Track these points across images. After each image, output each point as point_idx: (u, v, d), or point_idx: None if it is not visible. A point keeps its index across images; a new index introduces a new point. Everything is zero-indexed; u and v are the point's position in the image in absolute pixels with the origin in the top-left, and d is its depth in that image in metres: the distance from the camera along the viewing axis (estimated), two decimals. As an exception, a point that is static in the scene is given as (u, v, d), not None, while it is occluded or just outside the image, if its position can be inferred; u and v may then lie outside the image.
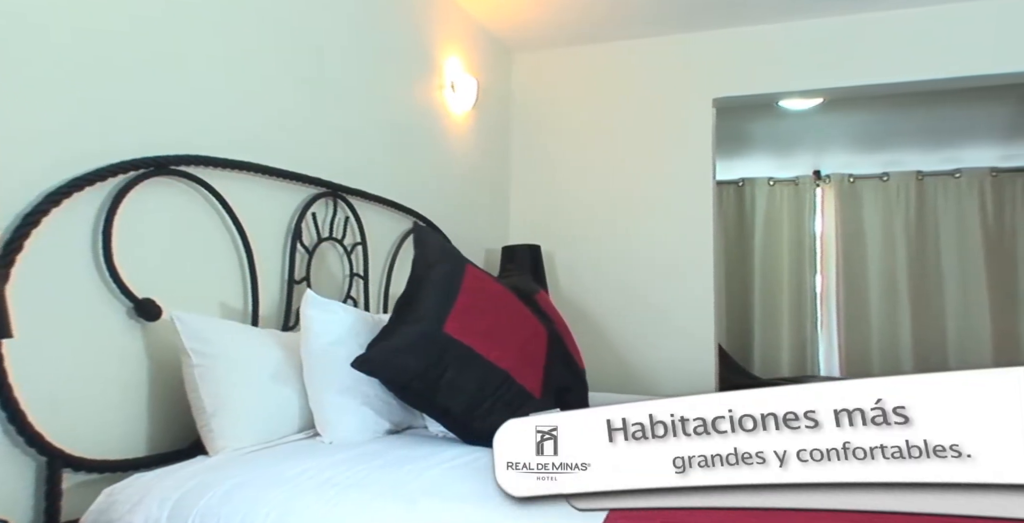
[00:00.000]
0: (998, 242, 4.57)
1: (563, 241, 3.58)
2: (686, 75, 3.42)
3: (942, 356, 4.63)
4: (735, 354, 5.05)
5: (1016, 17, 2.95)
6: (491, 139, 3.49)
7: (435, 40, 2.94)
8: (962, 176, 4.65)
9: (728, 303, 5.09)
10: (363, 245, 2.38)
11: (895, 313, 4.70)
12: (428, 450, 1.52)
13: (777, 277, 4.96)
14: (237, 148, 1.86)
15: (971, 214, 4.60)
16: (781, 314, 4.93)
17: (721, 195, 5.13)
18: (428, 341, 1.55)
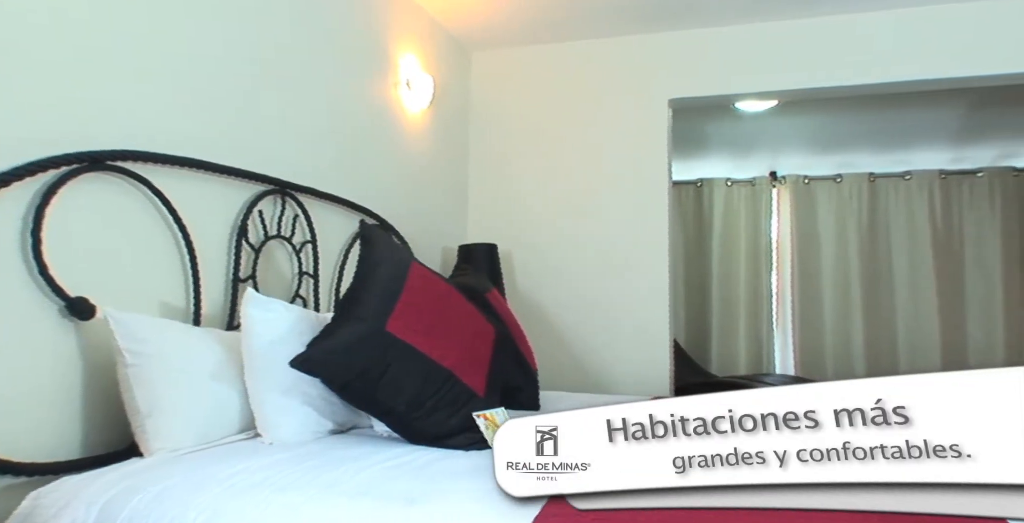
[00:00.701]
0: (946, 243, 4.69)
1: (521, 240, 3.58)
2: (642, 76, 3.45)
3: (892, 355, 4.75)
4: (693, 353, 5.11)
5: (965, 23, 3.03)
6: (449, 138, 3.48)
7: (390, 37, 2.92)
8: (912, 178, 4.76)
9: (687, 302, 5.15)
10: (313, 243, 2.35)
11: (848, 312, 4.80)
12: (368, 450, 1.51)
13: (734, 277, 5.03)
14: (179, 144, 1.82)
15: (920, 215, 4.71)
16: (738, 313, 5.00)
17: (680, 195, 5.18)
18: (369, 340, 1.54)
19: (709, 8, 3.14)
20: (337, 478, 1.31)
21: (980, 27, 3.01)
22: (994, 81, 3.15)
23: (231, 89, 2.05)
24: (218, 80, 2.00)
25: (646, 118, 3.45)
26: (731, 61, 3.34)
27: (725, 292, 5.05)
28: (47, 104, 1.52)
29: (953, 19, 3.04)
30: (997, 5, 2.99)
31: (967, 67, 3.05)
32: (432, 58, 3.26)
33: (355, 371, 1.52)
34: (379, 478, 1.30)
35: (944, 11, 3.05)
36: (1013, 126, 4.51)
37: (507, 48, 3.64)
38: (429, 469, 1.36)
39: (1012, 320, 4.52)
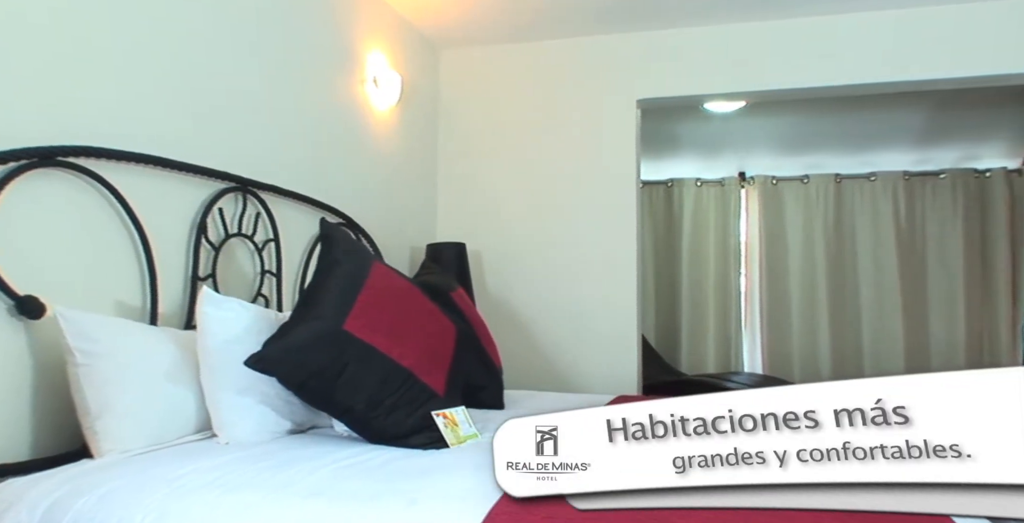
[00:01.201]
0: (909, 243, 4.77)
1: (490, 239, 3.58)
2: (611, 76, 3.46)
3: (857, 353, 4.82)
4: (663, 352, 5.14)
5: (929, 27, 3.08)
6: (417, 136, 3.47)
7: (356, 34, 2.90)
8: (877, 179, 4.83)
9: (657, 302, 5.18)
10: (276, 242, 2.33)
11: (814, 311, 4.86)
12: (325, 449, 1.50)
13: (704, 276, 5.07)
14: (136, 140, 1.79)
15: (885, 216, 4.79)
16: (707, 313, 5.04)
17: (650, 195, 5.21)
18: (327, 338, 1.53)
19: (677, 9, 3.16)
20: (291, 478, 1.29)
21: (943, 31, 3.06)
22: (956, 84, 3.21)
23: (190, 85, 2.02)
24: (177, 75, 1.97)
25: (615, 118, 3.46)
26: (699, 62, 3.36)
27: (695, 291, 5.09)
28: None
29: (917, 23, 3.09)
30: (960, 9, 3.04)
31: (930, 70, 3.10)
32: (400, 56, 3.24)
33: (312, 370, 1.51)
34: (333, 478, 1.29)
35: (908, 15, 3.10)
36: (974, 128, 4.60)
37: (476, 47, 3.63)
38: (385, 469, 1.35)
39: (972, 319, 4.61)
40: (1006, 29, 3.00)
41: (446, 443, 1.57)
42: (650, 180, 5.23)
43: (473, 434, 1.68)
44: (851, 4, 3.08)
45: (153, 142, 1.85)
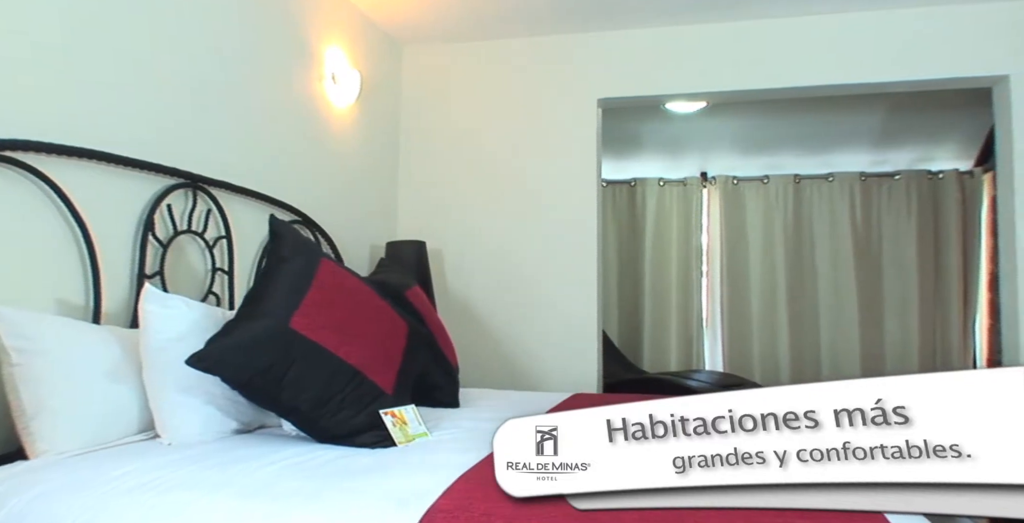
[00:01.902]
0: (866, 243, 4.86)
1: (451, 238, 3.57)
2: (572, 75, 3.47)
3: (815, 351, 4.89)
4: (626, 350, 5.17)
5: (884, 31, 3.14)
6: (378, 134, 3.44)
7: (313, 29, 2.87)
8: (835, 180, 4.91)
9: (620, 300, 5.21)
10: (228, 239, 2.29)
11: (774, 310, 4.93)
12: (269, 449, 1.48)
13: (666, 275, 5.11)
14: (78, 134, 1.75)
15: (842, 216, 4.87)
16: (669, 311, 5.08)
17: (614, 195, 5.24)
18: (272, 337, 1.51)
19: (638, 10, 3.18)
20: (231, 478, 1.28)
21: (898, 34, 3.13)
22: (910, 87, 3.28)
23: (138, 78, 1.98)
24: (123, 68, 1.93)
25: (576, 117, 3.47)
26: (659, 62, 3.39)
27: (657, 290, 5.13)
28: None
29: (873, 27, 3.15)
30: (916, 13, 3.11)
31: (885, 72, 3.16)
32: (360, 52, 3.22)
33: (256, 369, 1.49)
34: (274, 478, 1.28)
35: (865, 19, 3.16)
36: (928, 131, 4.70)
37: (439, 44, 3.62)
38: (327, 468, 1.34)
39: (926, 318, 4.71)
40: (959, 34, 3.07)
41: (394, 442, 1.56)
42: (613, 179, 5.26)
43: (423, 433, 1.67)
44: (809, 7, 3.13)
45: (97, 137, 1.81)
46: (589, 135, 3.47)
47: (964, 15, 3.07)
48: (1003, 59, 3.03)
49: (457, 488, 1.17)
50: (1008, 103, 3.03)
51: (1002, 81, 3.07)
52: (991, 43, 3.04)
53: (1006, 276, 3.08)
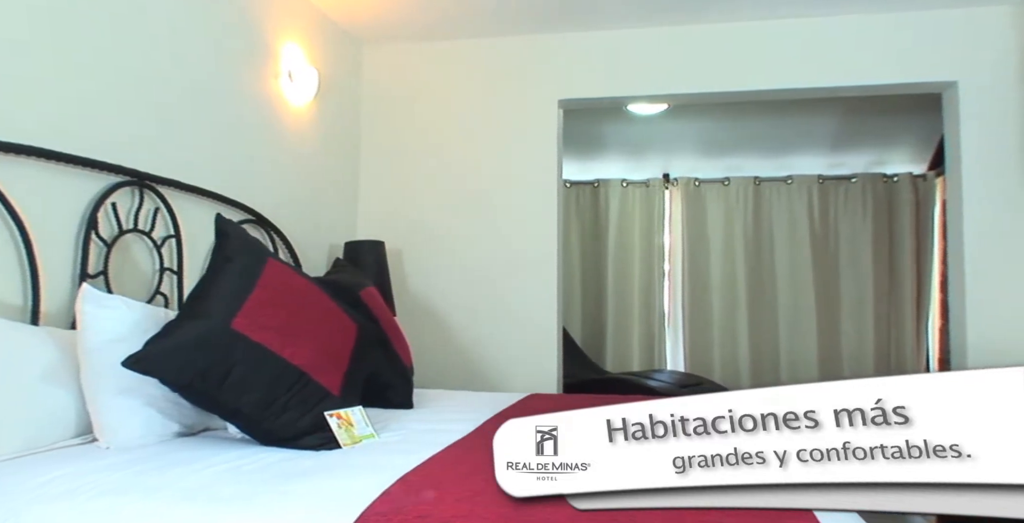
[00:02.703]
0: (823, 244, 4.94)
1: (412, 238, 3.55)
2: (533, 76, 3.48)
3: (774, 350, 4.96)
4: (589, 350, 5.20)
5: (841, 35, 3.19)
6: (337, 133, 3.41)
7: (269, 25, 2.83)
8: (793, 182, 4.99)
9: (583, 301, 5.24)
10: (177, 238, 2.25)
11: (734, 310, 4.99)
12: (209, 452, 1.46)
13: (629, 276, 5.14)
14: (16, 130, 1.71)
15: (801, 218, 4.95)
16: (632, 312, 5.11)
17: (577, 195, 5.27)
18: (212, 338, 1.48)
19: (599, 11, 3.19)
20: (166, 481, 1.25)
21: (854, 40, 3.18)
22: (864, 91, 3.34)
23: (80, 72, 1.94)
24: (65, 62, 1.89)
25: (536, 118, 3.48)
26: (621, 64, 3.40)
27: (620, 291, 5.16)
28: None
29: (828, 32, 3.20)
30: (869, 19, 3.17)
31: (839, 77, 3.21)
32: (318, 49, 3.19)
33: (195, 371, 1.46)
34: (210, 481, 1.25)
35: (820, 24, 3.21)
36: (884, 135, 4.80)
37: (400, 43, 3.60)
38: (267, 471, 1.32)
39: (880, 317, 4.81)
40: (910, 40, 3.13)
41: (339, 444, 1.55)
42: (577, 180, 5.28)
43: (370, 434, 1.66)
44: (767, 12, 3.17)
45: (38, 133, 1.76)
46: (550, 136, 3.47)
47: (916, 22, 3.13)
48: (952, 66, 3.10)
49: (395, 490, 1.16)
50: (956, 109, 3.10)
51: (951, 87, 3.14)
52: (941, 50, 3.11)
53: (954, 278, 3.16)
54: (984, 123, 3.05)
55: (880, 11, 3.14)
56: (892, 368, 4.86)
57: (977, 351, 3.00)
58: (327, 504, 1.11)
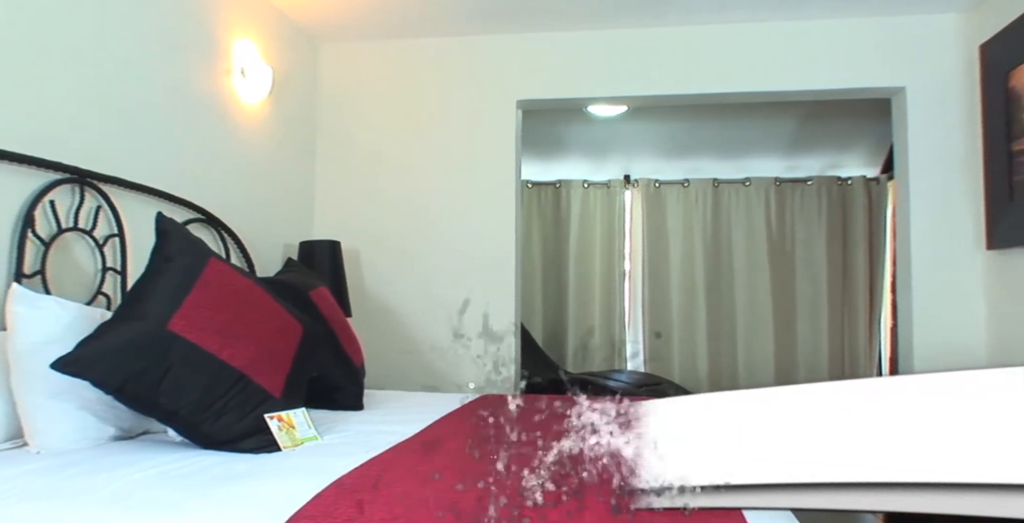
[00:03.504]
0: (780, 246, 5.02)
1: (370, 238, 3.52)
2: (492, 76, 3.47)
3: (732, 350, 5.03)
4: (550, 350, 5.21)
5: (794, 40, 3.24)
6: (293, 131, 3.37)
7: (220, 20, 2.79)
8: (751, 184, 5.06)
9: (544, 301, 5.25)
10: (120, 237, 2.20)
11: (693, 311, 5.04)
12: (144, 456, 1.43)
13: (590, 276, 5.17)
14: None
15: (758, 219, 5.02)
16: (593, 312, 5.14)
17: (539, 196, 5.28)
18: (147, 339, 1.45)
19: (558, 12, 3.20)
20: (95, 486, 1.22)
21: (808, 45, 3.23)
22: (816, 96, 3.39)
23: (17, 65, 1.88)
24: (1, 55, 1.83)
25: (495, 118, 3.48)
26: (579, 65, 3.42)
27: (581, 291, 5.18)
28: None
29: (783, 37, 3.25)
30: (822, 25, 3.22)
31: (793, 81, 3.26)
32: (273, 46, 3.14)
33: (129, 373, 1.43)
34: (139, 486, 1.23)
35: (775, 28, 3.25)
36: (838, 138, 4.89)
37: (357, 41, 3.57)
38: (200, 475, 1.30)
39: (834, 317, 4.90)
40: (861, 46, 3.19)
41: (279, 446, 1.53)
42: (538, 181, 5.29)
43: (312, 436, 1.64)
44: (723, 16, 3.20)
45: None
46: (509, 136, 3.47)
47: (867, 28, 3.19)
48: (900, 71, 3.17)
49: (327, 494, 1.15)
50: (904, 114, 3.17)
51: (899, 93, 3.21)
52: (890, 56, 3.17)
53: (902, 279, 3.23)
54: (930, 128, 3.12)
55: (833, 17, 3.19)
56: (845, 368, 4.95)
57: (923, 351, 3.07)
58: (255, 509, 1.09)
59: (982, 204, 2.97)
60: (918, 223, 3.11)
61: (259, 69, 2.96)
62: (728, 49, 3.30)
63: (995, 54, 2.84)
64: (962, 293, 3.04)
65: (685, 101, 3.55)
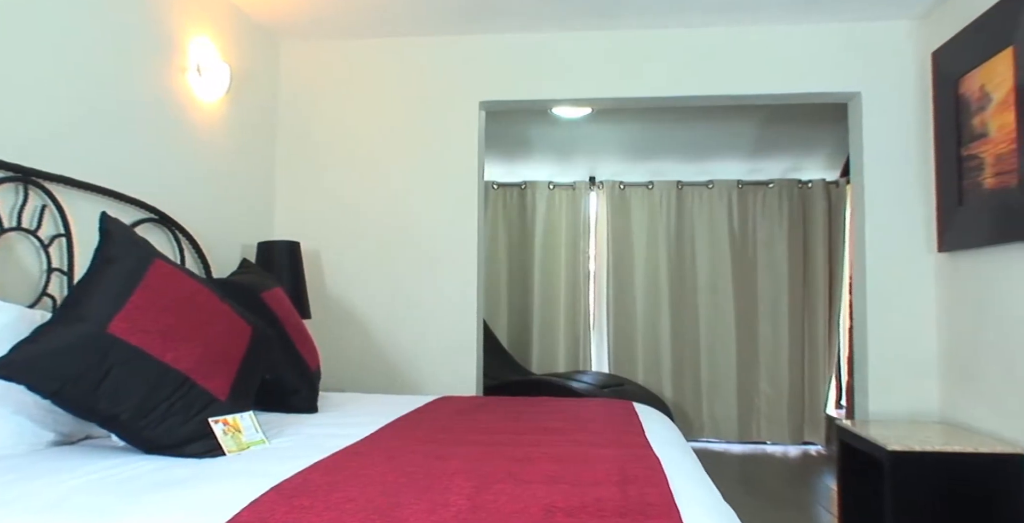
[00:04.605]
0: (742, 247, 5.08)
1: (331, 238, 3.49)
2: (454, 77, 3.46)
3: (695, 350, 5.07)
4: (515, 351, 5.21)
5: (754, 45, 3.27)
6: (252, 130, 3.33)
7: (175, 16, 2.74)
8: (714, 187, 5.11)
9: (509, 303, 5.25)
10: (67, 237, 2.15)
11: (657, 312, 5.08)
12: (83, 462, 1.39)
13: (555, 278, 5.19)
14: None
15: (721, 221, 5.07)
16: (558, 313, 5.15)
17: (504, 197, 5.28)
18: (86, 342, 1.42)
19: (521, 14, 3.20)
20: (28, 492, 1.19)
21: (767, 50, 3.27)
22: (775, 100, 3.43)
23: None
24: (-62, 52, 1.78)
25: (458, 119, 3.47)
26: (542, 67, 3.42)
27: (546, 293, 5.20)
28: None
29: (743, 41, 3.29)
30: (781, 30, 3.26)
31: (753, 85, 3.29)
32: (231, 44, 3.10)
33: (66, 377, 1.39)
34: (75, 492, 1.20)
35: (735, 33, 3.29)
36: (799, 142, 4.96)
37: (320, 40, 3.53)
38: (137, 482, 1.27)
39: (795, 319, 4.98)
40: (819, 51, 3.24)
41: (224, 451, 1.50)
42: (504, 182, 5.29)
43: (259, 440, 1.61)
44: (684, 20, 3.23)
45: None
46: (471, 137, 3.46)
47: (823, 33, 3.24)
48: (856, 77, 3.22)
49: (266, 499, 1.13)
50: (860, 119, 3.22)
51: (855, 98, 3.27)
52: (846, 62, 3.23)
53: (857, 280, 3.28)
54: (885, 133, 3.18)
55: (791, 22, 3.24)
56: (805, 367, 5.02)
57: (877, 350, 3.12)
58: (190, 515, 1.07)
59: (934, 207, 3.03)
60: (872, 226, 3.17)
61: (216, 67, 2.92)
62: (688, 53, 3.33)
63: (946, 61, 2.91)
64: (914, 294, 3.11)
65: (647, 104, 3.57)
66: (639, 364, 5.10)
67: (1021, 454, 2.39)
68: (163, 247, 2.62)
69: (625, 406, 2.28)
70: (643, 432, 1.79)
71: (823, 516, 3.44)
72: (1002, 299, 2.56)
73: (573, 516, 1.04)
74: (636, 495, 1.15)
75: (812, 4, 3.03)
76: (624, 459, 1.42)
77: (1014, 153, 2.42)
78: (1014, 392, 2.47)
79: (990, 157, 2.58)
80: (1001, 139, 2.51)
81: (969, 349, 2.80)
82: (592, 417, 2.03)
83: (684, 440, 1.98)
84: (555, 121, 4.74)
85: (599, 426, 1.87)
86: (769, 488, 3.94)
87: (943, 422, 2.99)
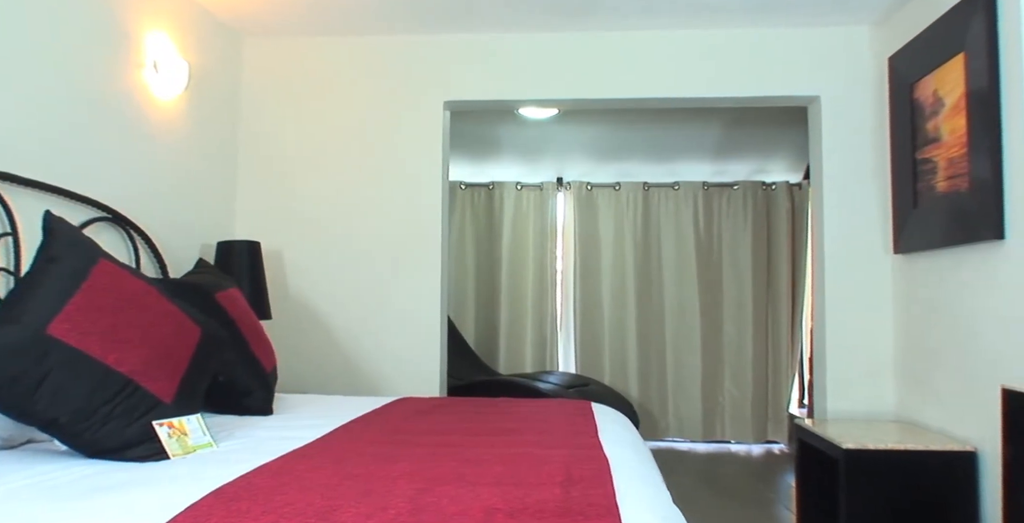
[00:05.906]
0: (707, 248, 5.13)
1: (293, 238, 3.46)
2: (419, 76, 3.45)
3: (661, 350, 5.11)
4: (482, 352, 5.21)
5: (717, 48, 3.30)
6: (212, 128, 3.28)
7: (130, 10, 2.68)
8: (680, 188, 5.15)
9: (477, 303, 5.24)
10: (14, 237, 2.10)
11: (623, 312, 5.11)
12: (20, 466, 1.36)
13: (522, 278, 5.19)
14: None
15: (686, 222, 5.12)
16: (525, 314, 5.16)
17: (472, 197, 5.27)
18: (22, 344, 1.38)
19: (487, 14, 3.19)
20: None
21: (729, 53, 3.30)
22: (738, 103, 3.47)
23: None
24: None
25: (422, 119, 3.45)
26: (506, 67, 3.42)
27: (513, 293, 5.20)
28: None
29: (706, 44, 3.31)
30: (743, 34, 3.29)
31: (715, 88, 3.32)
32: (190, 40, 3.05)
33: (2, 379, 1.36)
34: (6, 498, 1.16)
35: (700, 36, 3.31)
36: (763, 145, 5.02)
37: (282, 38, 3.49)
38: (73, 486, 1.24)
39: (759, 319, 5.04)
40: (780, 55, 3.27)
41: (168, 455, 1.47)
42: (472, 182, 5.29)
43: (206, 443, 1.59)
44: (650, 22, 3.24)
45: None
46: (436, 137, 3.45)
47: (784, 38, 3.28)
48: (815, 81, 3.27)
49: (203, 503, 1.11)
50: (819, 122, 3.27)
51: (815, 101, 3.31)
52: (806, 65, 3.27)
53: (816, 281, 3.33)
54: (843, 136, 3.23)
55: (753, 26, 3.27)
56: (769, 367, 5.08)
57: (835, 350, 3.17)
58: (125, 519, 1.05)
59: (890, 210, 3.08)
60: (831, 227, 3.22)
61: (174, 63, 2.87)
62: (653, 55, 3.35)
63: (902, 66, 2.96)
64: (871, 295, 3.16)
65: (612, 105, 3.59)
66: (605, 364, 5.12)
67: (972, 452, 2.44)
68: (117, 247, 2.57)
69: (582, 406, 2.29)
70: (596, 433, 1.79)
71: (783, 514, 3.49)
72: (952, 300, 2.61)
73: (513, 517, 1.04)
74: (579, 496, 1.15)
75: (773, 9, 3.07)
76: (572, 460, 1.42)
77: (965, 157, 2.47)
78: (965, 391, 2.52)
79: (943, 161, 2.63)
80: (953, 143, 2.56)
81: (922, 349, 2.85)
82: (548, 417, 2.03)
83: (640, 440, 1.99)
84: (523, 122, 4.74)
85: (553, 426, 1.87)
86: (732, 486, 3.98)
87: (899, 421, 3.04)
